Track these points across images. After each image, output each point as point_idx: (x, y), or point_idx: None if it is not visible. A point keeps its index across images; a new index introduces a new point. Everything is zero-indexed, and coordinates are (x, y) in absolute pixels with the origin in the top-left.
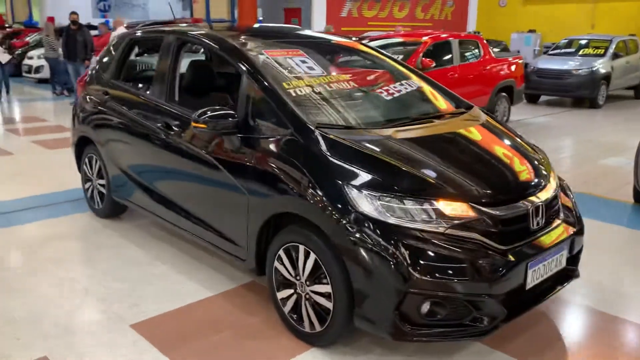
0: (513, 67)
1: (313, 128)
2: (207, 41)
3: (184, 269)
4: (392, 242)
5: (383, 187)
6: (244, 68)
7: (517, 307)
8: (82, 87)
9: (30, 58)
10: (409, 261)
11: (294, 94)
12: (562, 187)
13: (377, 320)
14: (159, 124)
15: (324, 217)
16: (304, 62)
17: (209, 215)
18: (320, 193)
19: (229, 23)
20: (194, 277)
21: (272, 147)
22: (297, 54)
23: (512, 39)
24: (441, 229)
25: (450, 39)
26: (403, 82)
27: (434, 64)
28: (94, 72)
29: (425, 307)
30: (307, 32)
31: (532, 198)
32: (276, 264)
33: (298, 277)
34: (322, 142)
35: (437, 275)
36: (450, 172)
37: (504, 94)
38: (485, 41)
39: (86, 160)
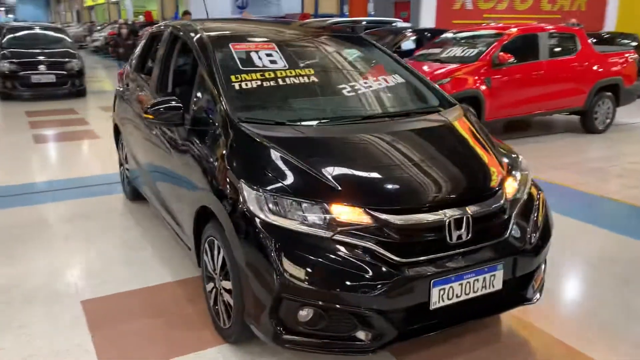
0: (621, 64)
1: (235, 122)
2: (182, 34)
3: (167, 254)
4: (272, 243)
5: (274, 186)
6: (200, 61)
7: (421, 327)
8: (121, 78)
9: None
10: (285, 265)
11: (237, 88)
12: (530, 201)
13: (259, 322)
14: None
15: (223, 213)
16: (269, 55)
17: (172, 204)
18: (221, 188)
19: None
20: (169, 263)
21: (204, 139)
22: (266, 47)
23: None
24: (328, 234)
25: (539, 32)
26: (381, 77)
27: (512, 59)
28: (127, 65)
29: (305, 315)
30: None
31: (455, 209)
32: (204, 256)
33: (215, 272)
34: (236, 137)
35: (314, 282)
36: (355, 175)
37: (607, 93)
38: (584, 34)
39: (119, 144)
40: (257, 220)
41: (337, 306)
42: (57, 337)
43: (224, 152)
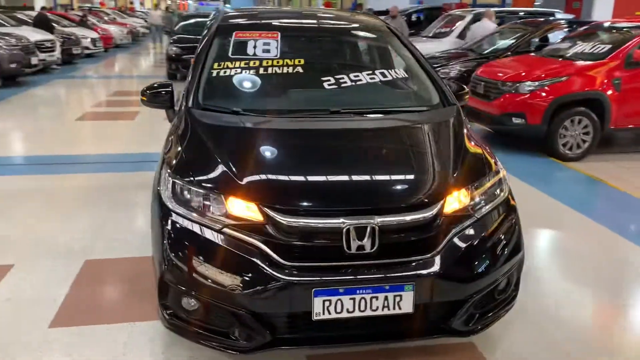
0: None
1: (189, 107)
2: (212, 21)
3: None
4: (166, 228)
5: (182, 173)
6: (199, 47)
7: (304, 338)
8: None
9: None
10: (170, 252)
11: (214, 75)
12: (488, 222)
13: (156, 302)
14: None
15: (153, 194)
16: (266, 44)
17: None
18: (158, 170)
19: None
20: None
21: (174, 122)
22: (269, 37)
23: None
24: (217, 227)
25: None
26: (378, 72)
27: None
28: None
29: (189, 304)
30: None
31: (360, 217)
32: None
33: None
34: (182, 122)
35: (193, 272)
36: (263, 170)
37: None
38: None
39: None
40: (164, 206)
41: (213, 300)
42: (41, 287)
43: (171, 136)
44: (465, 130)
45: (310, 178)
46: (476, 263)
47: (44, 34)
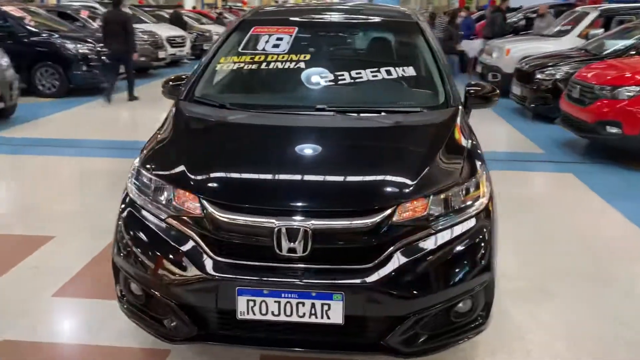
0: None
1: (180, 98)
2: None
3: None
4: (121, 214)
5: (146, 161)
6: (215, 41)
7: (231, 336)
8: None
9: None
10: (119, 236)
11: (217, 68)
12: (439, 234)
13: None
14: None
15: None
16: (279, 39)
17: None
18: None
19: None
20: None
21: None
22: (285, 32)
23: None
24: (162, 216)
25: None
26: (383, 69)
27: None
28: None
29: (137, 289)
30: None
31: (295, 218)
32: None
33: None
34: (172, 113)
35: (134, 258)
36: (214, 165)
37: None
38: None
39: None
40: (126, 193)
41: (143, 286)
42: (64, 259)
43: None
44: (455, 134)
45: (254, 175)
46: (419, 279)
47: (176, 30)
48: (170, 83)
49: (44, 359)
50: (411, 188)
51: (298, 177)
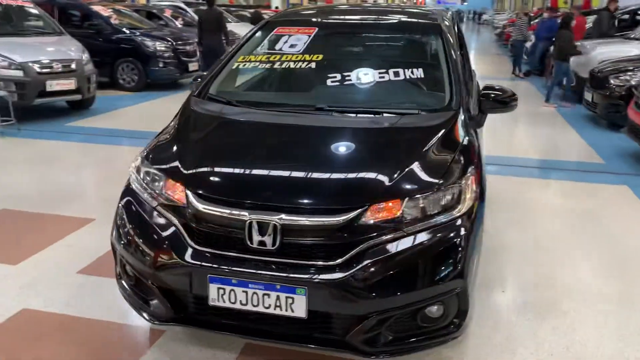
0: None
1: (193, 95)
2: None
3: None
4: (122, 201)
5: (146, 155)
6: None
7: (204, 321)
8: None
9: None
10: (117, 219)
11: (234, 67)
12: (410, 236)
13: None
14: None
15: None
16: (297, 40)
17: None
18: None
19: None
20: None
21: None
22: (305, 32)
23: None
24: (153, 204)
25: None
26: (392, 70)
27: None
28: None
29: (130, 270)
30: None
31: (267, 213)
32: None
33: None
34: (184, 108)
35: (125, 241)
36: (204, 158)
37: None
38: None
39: None
40: (130, 182)
41: (129, 267)
42: (97, 240)
43: None
44: (448, 137)
45: (234, 170)
46: (382, 280)
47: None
48: (199, 79)
49: (56, 328)
50: (385, 189)
51: (275, 173)
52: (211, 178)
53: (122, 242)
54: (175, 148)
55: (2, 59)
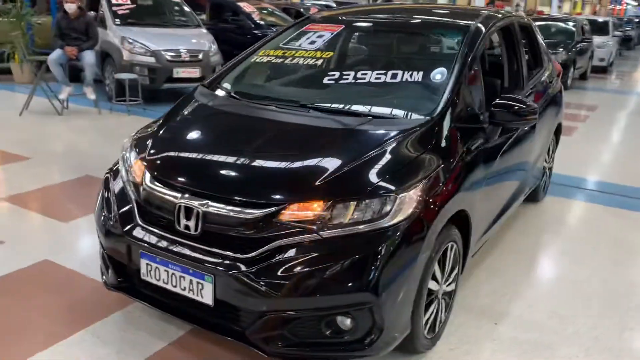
0: None
1: (203, 85)
2: None
3: None
4: (106, 175)
5: (135, 144)
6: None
7: (138, 291)
8: None
9: None
10: (101, 195)
11: (251, 61)
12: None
13: None
14: None
15: None
16: (320, 36)
17: None
18: None
19: None
20: None
21: None
22: (330, 29)
23: None
24: (124, 179)
25: None
26: (390, 72)
27: None
28: None
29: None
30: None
31: (196, 198)
32: None
33: None
34: (191, 97)
35: (99, 210)
36: (173, 143)
37: None
38: None
39: None
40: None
41: (99, 236)
42: None
43: None
44: (407, 146)
45: (182, 155)
46: (281, 279)
47: None
48: None
49: (67, 282)
50: (309, 190)
51: (213, 161)
52: (163, 161)
53: (98, 210)
54: (153, 130)
55: (140, 45)
